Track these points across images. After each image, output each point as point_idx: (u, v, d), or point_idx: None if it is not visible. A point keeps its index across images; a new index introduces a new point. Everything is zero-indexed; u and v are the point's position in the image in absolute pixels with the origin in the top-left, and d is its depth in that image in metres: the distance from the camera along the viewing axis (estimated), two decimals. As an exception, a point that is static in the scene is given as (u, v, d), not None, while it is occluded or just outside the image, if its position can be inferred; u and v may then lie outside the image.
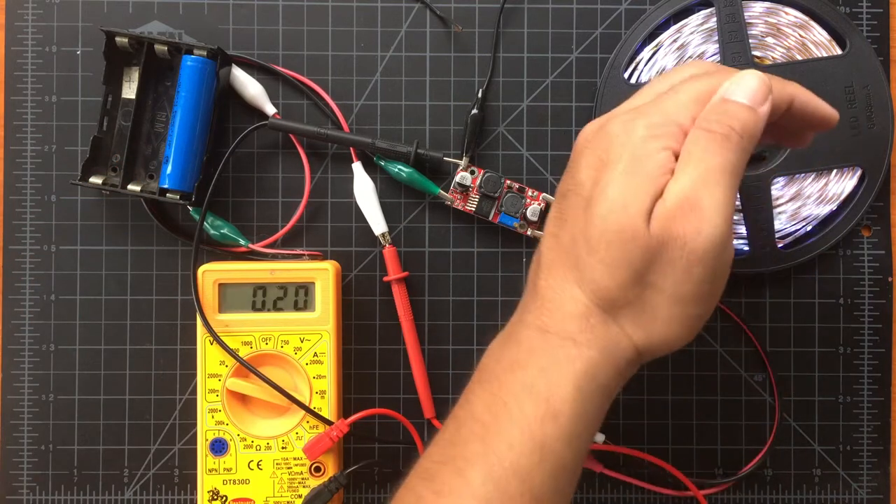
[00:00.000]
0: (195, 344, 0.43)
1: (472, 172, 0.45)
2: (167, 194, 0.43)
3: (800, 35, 0.45)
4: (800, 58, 0.45)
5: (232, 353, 0.42)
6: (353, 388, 0.46)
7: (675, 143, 0.31)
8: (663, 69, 0.45)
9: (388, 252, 0.45)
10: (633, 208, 0.30)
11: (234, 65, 0.45)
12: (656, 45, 0.45)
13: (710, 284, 0.31)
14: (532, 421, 0.30)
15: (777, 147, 0.44)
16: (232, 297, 0.43)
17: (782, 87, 0.33)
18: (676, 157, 0.31)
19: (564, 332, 0.31)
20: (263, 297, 0.43)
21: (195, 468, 0.43)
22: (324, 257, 0.45)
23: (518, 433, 0.30)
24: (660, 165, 0.30)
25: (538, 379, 0.31)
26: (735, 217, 0.45)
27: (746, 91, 0.31)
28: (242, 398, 0.43)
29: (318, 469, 0.43)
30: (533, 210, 0.45)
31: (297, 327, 0.43)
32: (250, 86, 0.45)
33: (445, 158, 0.45)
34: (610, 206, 0.30)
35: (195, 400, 0.43)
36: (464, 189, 0.45)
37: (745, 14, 0.44)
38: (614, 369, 0.31)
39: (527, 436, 0.30)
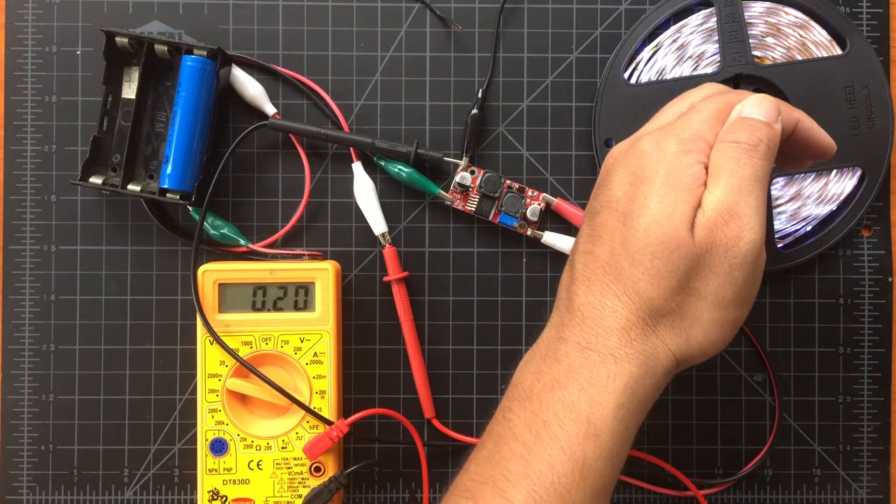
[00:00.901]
0: (195, 344, 0.43)
1: (472, 172, 0.45)
2: (167, 194, 0.43)
3: (800, 35, 0.45)
4: (800, 58, 0.45)
5: (232, 353, 0.42)
6: (353, 388, 0.46)
7: (704, 156, 0.33)
8: (663, 69, 0.45)
9: (388, 252, 0.45)
10: (676, 218, 0.31)
11: (234, 65, 0.45)
12: (656, 45, 0.45)
13: (748, 287, 0.32)
14: (573, 440, 0.31)
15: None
16: (232, 297, 0.43)
17: (789, 112, 0.35)
18: (706, 170, 0.32)
19: (605, 349, 0.32)
20: (263, 297, 0.43)
21: (195, 468, 0.43)
22: (324, 257, 0.45)
23: (559, 453, 0.31)
24: (696, 178, 0.32)
25: (579, 397, 0.31)
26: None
27: (761, 110, 0.33)
28: (242, 398, 0.43)
29: (318, 469, 0.43)
30: (533, 210, 0.45)
31: (297, 327, 0.43)
32: (250, 86, 0.45)
33: (445, 158, 0.45)
34: (653, 218, 0.32)
35: (195, 400, 0.43)
36: (464, 189, 0.45)
37: (745, 14, 0.44)
38: (653, 382, 0.32)
39: (567, 455, 0.31)
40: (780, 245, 0.45)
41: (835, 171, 0.45)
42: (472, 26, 0.46)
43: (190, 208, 0.44)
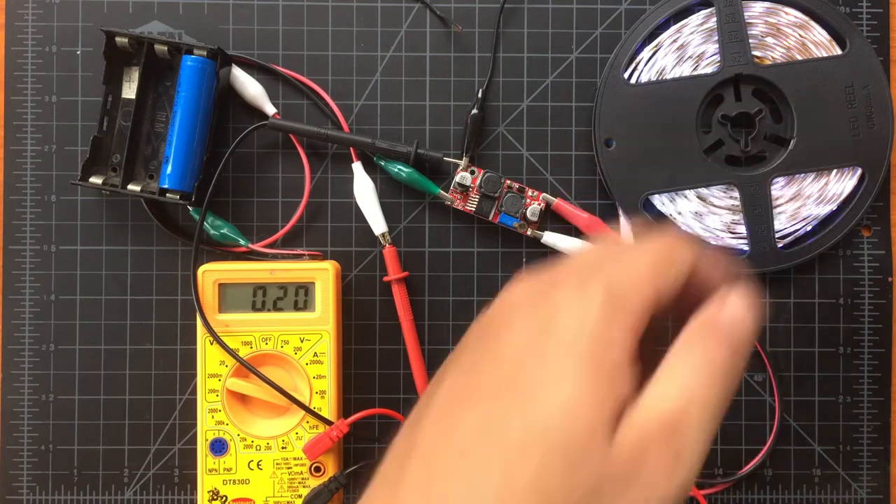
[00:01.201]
0: (195, 344, 0.43)
1: (472, 172, 0.45)
2: (167, 194, 0.43)
3: (800, 35, 0.45)
4: (800, 58, 0.45)
5: (232, 353, 0.42)
6: (353, 388, 0.46)
7: (639, 323, 0.24)
8: (663, 69, 0.45)
9: (388, 252, 0.45)
10: (593, 417, 0.22)
11: (234, 65, 0.45)
12: (656, 45, 0.45)
13: None
14: None
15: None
16: (232, 297, 0.43)
17: (683, 254, 0.26)
18: (639, 343, 0.24)
19: None
20: (263, 297, 0.43)
21: (195, 468, 0.43)
22: (324, 257, 0.45)
23: None
24: (624, 360, 0.23)
25: None
26: (735, 217, 0.45)
27: (750, 314, 0.25)
28: (242, 398, 0.43)
29: (318, 469, 0.43)
30: (533, 210, 0.45)
31: (297, 327, 0.43)
32: (250, 86, 0.45)
33: (445, 158, 0.45)
34: (558, 406, 0.22)
35: (195, 400, 0.43)
36: (464, 189, 0.45)
37: (745, 14, 0.44)
38: None
39: None
40: (780, 245, 0.45)
41: (835, 171, 0.45)
42: (472, 26, 0.46)
43: (190, 208, 0.44)
